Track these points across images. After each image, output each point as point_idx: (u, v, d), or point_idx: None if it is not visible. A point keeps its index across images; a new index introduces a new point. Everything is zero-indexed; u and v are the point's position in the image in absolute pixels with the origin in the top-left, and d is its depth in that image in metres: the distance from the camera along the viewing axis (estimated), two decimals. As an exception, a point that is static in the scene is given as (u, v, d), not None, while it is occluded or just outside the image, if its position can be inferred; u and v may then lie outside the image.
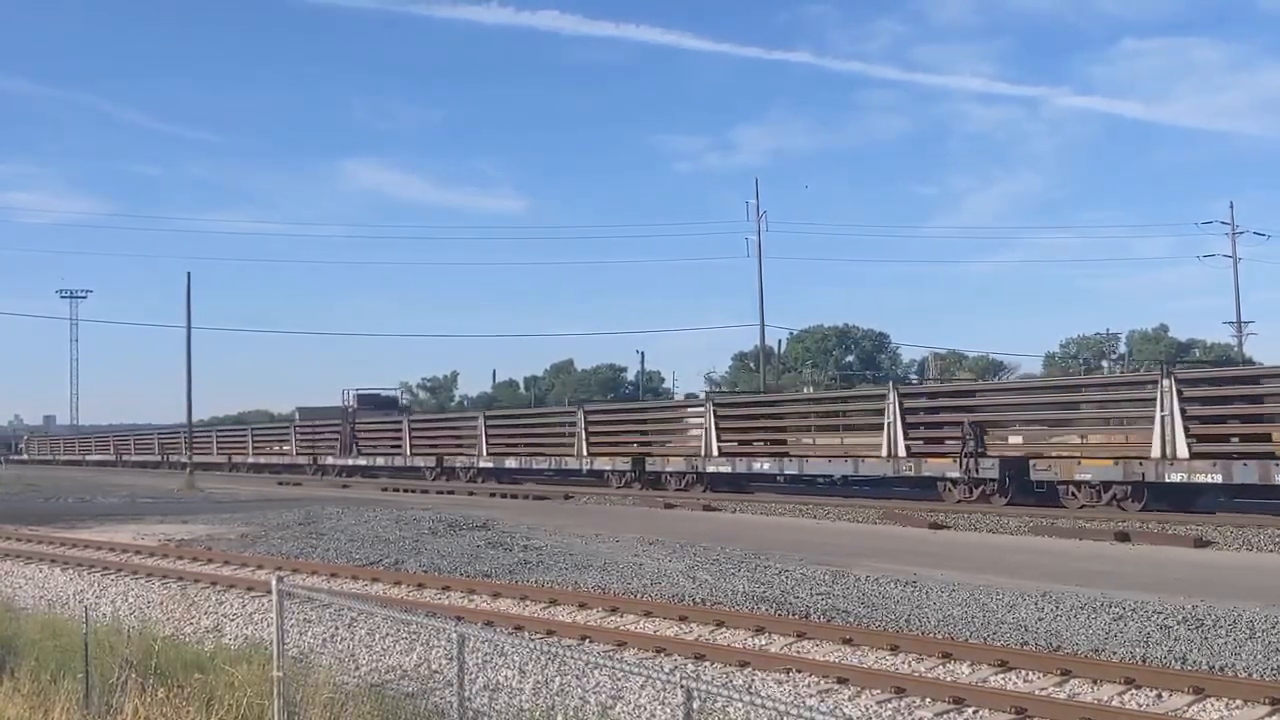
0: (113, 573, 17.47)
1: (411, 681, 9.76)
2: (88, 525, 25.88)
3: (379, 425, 50.06)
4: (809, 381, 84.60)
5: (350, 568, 17.08)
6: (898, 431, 26.52)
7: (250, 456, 58.32)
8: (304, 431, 54.80)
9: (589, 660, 6.53)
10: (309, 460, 51.67)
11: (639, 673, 5.71)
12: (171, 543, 21.50)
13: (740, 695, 4.62)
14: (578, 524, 23.63)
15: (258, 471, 55.68)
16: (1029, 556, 17.40)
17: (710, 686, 4.55)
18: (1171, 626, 11.23)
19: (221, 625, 13.28)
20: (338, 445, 50.38)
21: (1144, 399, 22.84)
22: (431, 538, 21.03)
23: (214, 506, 31.63)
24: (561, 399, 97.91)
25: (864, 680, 9.38)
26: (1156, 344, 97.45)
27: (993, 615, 12.09)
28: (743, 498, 29.41)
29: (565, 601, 13.66)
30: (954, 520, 22.74)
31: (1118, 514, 21.92)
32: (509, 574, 16.14)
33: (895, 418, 26.62)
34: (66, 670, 8.99)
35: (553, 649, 6.71)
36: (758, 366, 74.78)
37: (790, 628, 11.52)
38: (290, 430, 56.23)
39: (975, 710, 8.51)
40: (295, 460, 53.21)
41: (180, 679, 8.39)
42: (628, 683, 9.20)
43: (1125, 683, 9.01)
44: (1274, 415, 22.07)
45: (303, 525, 24.13)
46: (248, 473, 55.97)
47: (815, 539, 20.49)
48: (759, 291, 63.47)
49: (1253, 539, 18.74)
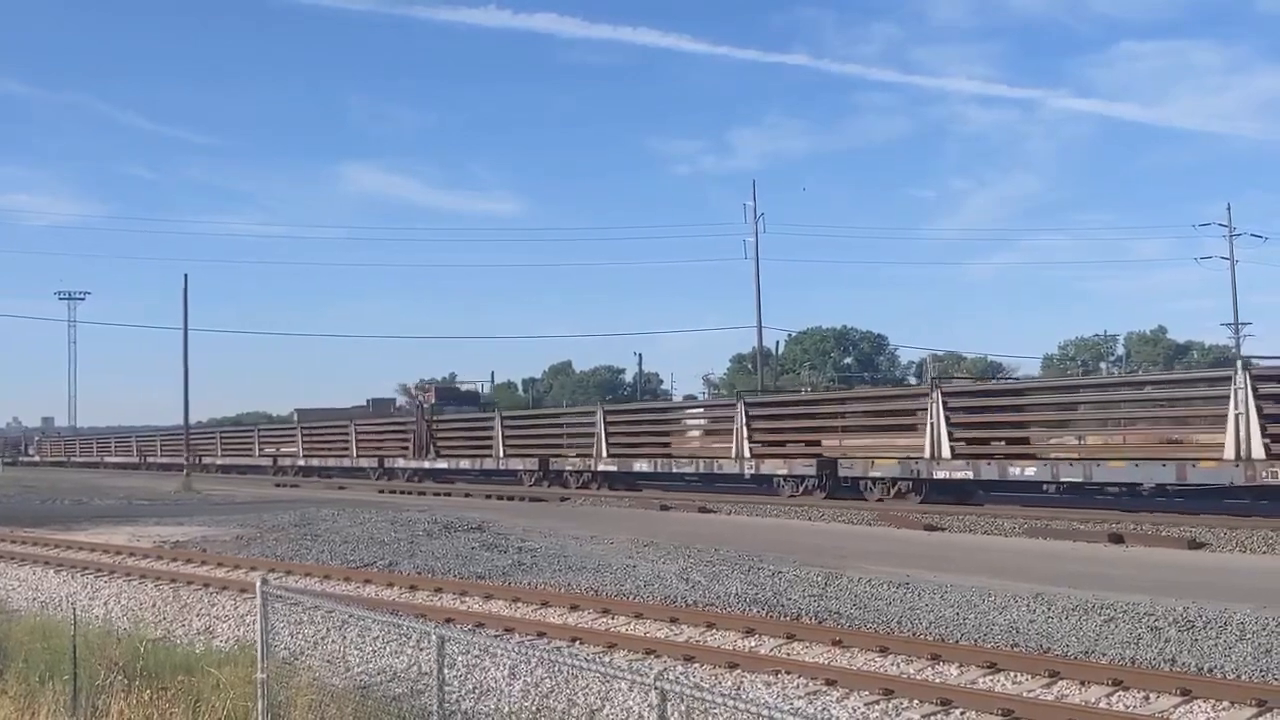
0: (106, 575, 17.46)
1: (402, 683, 9.75)
2: (83, 527, 25.86)
3: (462, 423, 45.04)
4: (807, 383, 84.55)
5: (343, 569, 17.06)
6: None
7: (300, 459, 52.01)
8: (366, 432, 49.20)
9: (574, 663, 6.51)
10: (374, 464, 46.08)
11: (618, 675, 5.70)
12: (166, 545, 21.49)
13: (717, 698, 4.61)
14: (573, 526, 23.62)
15: (307, 475, 49.82)
16: (1023, 558, 17.39)
17: (685, 688, 4.54)
18: (1162, 628, 11.23)
19: (213, 627, 13.28)
20: (410, 446, 44.37)
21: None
22: (426, 539, 21.02)
23: (210, 508, 31.60)
24: (560, 401, 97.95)
25: (852, 682, 9.38)
26: (1154, 345, 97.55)
27: (984, 617, 12.08)
28: (743, 499, 29.36)
29: (557, 603, 13.65)
30: (948, 522, 22.73)
31: (1112, 516, 21.93)
32: (502, 576, 16.13)
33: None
34: (55, 672, 9.00)
35: (538, 650, 6.70)
36: (756, 368, 74.76)
37: (781, 629, 11.51)
38: (350, 430, 49.61)
39: (962, 711, 8.51)
40: (357, 463, 47.67)
41: (167, 681, 8.39)
42: (616, 685, 9.19)
43: (1113, 684, 9.01)
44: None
45: (298, 527, 24.11)
46: (295, 476, 50.30)
47: (809, 540, 20.49)
48: (756, 293, 63.49)
49: (1245, 541, 18.73)
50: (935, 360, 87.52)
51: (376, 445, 47.67)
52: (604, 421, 35.17)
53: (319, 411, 69.72)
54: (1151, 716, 8.18)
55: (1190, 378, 27.38)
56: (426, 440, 43.67)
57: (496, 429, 40.23)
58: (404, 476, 44.07)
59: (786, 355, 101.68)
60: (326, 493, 39.18)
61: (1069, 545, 19.16)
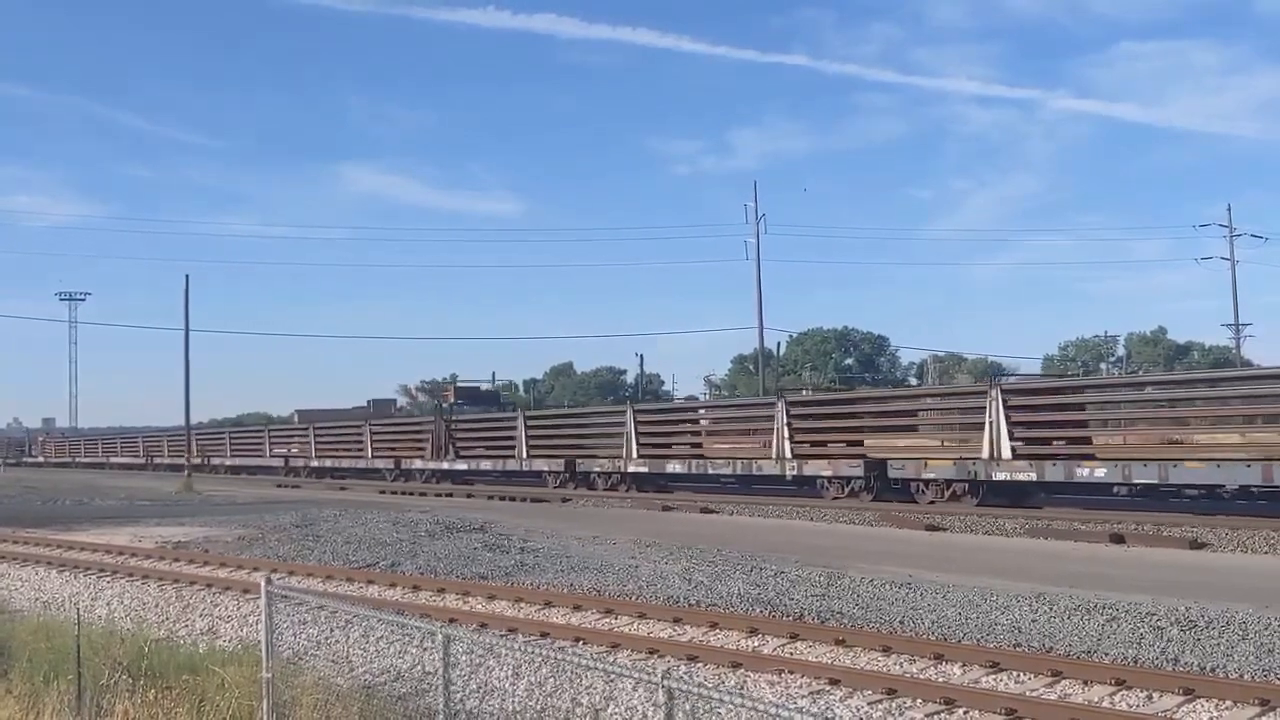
0: (108, 575, 17.48)
1: (405, 683, 9.77)
2: (84, 528, 25.88)
3: (484, 424, 44.37)
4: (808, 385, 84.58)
5: (345, 570, 17.08)
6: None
7: (314, 459, 51.62)
8: (381, 432, 48.82)
9: (578, 662, 6.52)
10: (390, 465, 45.51)
11: (626, 674, 5.72)
12: (168, 545, 21.50)
13: (724, 697, 4.63)
14: (575, 527, 23.63)
15: (319, 477, 49.66)
16: (1024, 558, 17.41)
17: (692, 687, 4.56)
18: (1164, 628, 11.24)
19: (216, 627, 13.29)
20: (430, 447, 43.40)
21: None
22: (428, 540, 21.03)
23: (211, 509, 31.61)
24: (561, 401, 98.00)
25: (856, 681, 9.39)
26: (1155, 346, 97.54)
27: (987, 617, 12.09)
28: (743, 500, 29.38)
29: (560, 603, 13.66)
30: (949, 522, 22.74)
31: (1113, 516, 21.91)
32: (505, 576, 16.14)
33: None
34: (59, 672, 9.01)
35: (543, 651, 6.72)
36: (757, 369, 74.77)
37: (784, 629, 11.52)
38: (364, 430, 49.12)
39: (966, 711, 8.52)
40: (373, 464, 47.15)
41: (171, 680, 8.41)
42: (620, 685, 9.20)
43: (1116, 684, 9.02)
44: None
45: (299, 528, 24.12)
46: (308, 477, 50.15)
47: (812, 541, 20.49)
48: (758, 294, 63.45)
49: (1247, 541, 18.74)
50: (936, 361, 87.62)
51: (390, 447, 46.99)
52: (634, 421, 34.31)
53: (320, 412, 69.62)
54: (1155, 716, 8.19)
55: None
56: (445, 441, 42.48)
57: (520, 429, 39.23)
58: (421, 478, 43.49)
59: (788, 356, 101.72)
60: (328, 493, 39.18)
61: (1070, 545, 19.17)
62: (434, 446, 42.81)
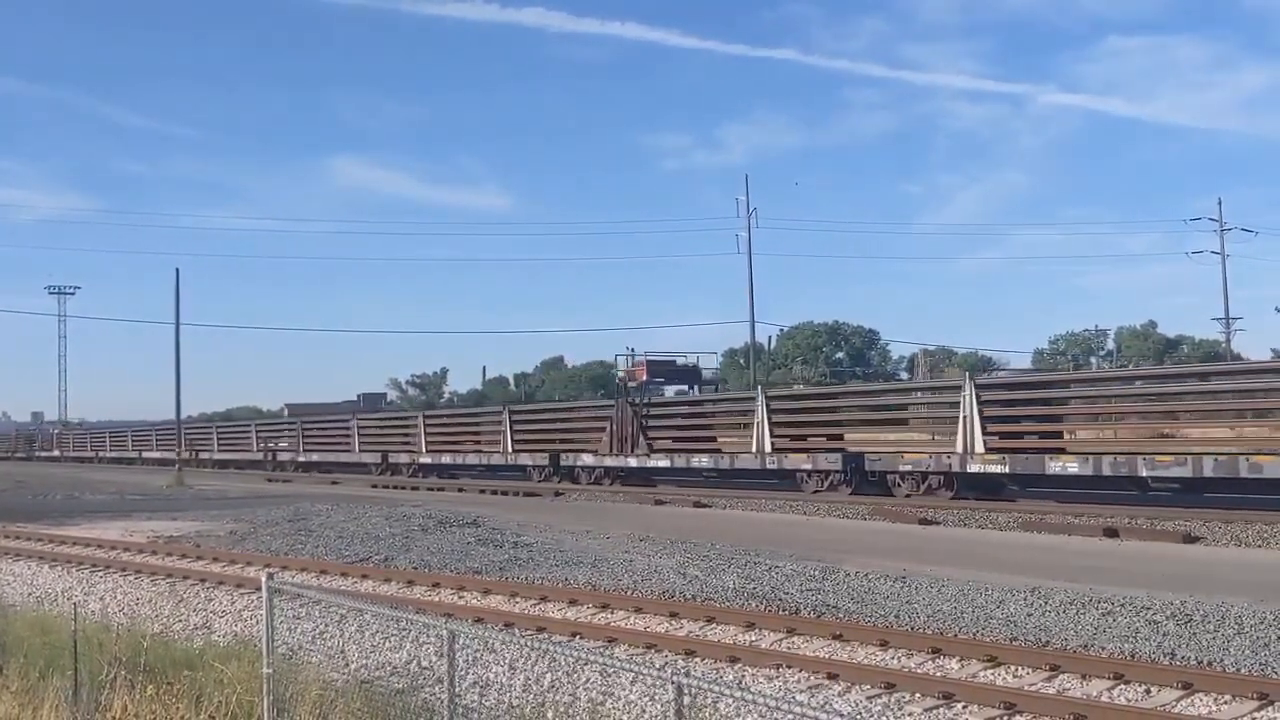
0: (101, 570, 17.41)
1: (401, 678, 9.74)
2: (76, 522, 25.78)
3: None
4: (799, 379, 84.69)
5: (339, 564, 17.04)
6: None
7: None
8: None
9: (579, 656, 6.51)
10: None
11: (629, 669, 5.71)
12: (160, 540, 21.43)
13: (730, 691, 4.63)
14: (568, 521, 23.61)
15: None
16: (1018, 552, 17.45)
17: (700, 682, 4.55)
18: (1160, 622, 11.27)
19: (211, 622, 13.24)
20: (621, 439, 36.50)
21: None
22: (421, 535, 20.99)
23: (202, 504, 31.53)
24: (552, 395, 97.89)
25: (854, 675, 9.40)
26: (1145, 340, 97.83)
27: (982, 611, 12.11)
28: (733, 494, 29.41)
29: (555, 598, 13.64)
30: (943, 516, 22.78)
31: (1106, 510, 21.98)
32: (499, 571, 16.13)
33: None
34: (55, 668, 8.97)
35: (543, 645, 6.70)
36: (748, 363, 74.81)
37: (780, 623, 11.52)
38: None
39: (964, 705, 8.53)
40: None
41: (169, 676, 8.37)
42: (618, 679, 9.20)
43: (1114, 678, 9.04)
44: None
45: (292, 522, 24.06)
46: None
47: (805, 535, 20.52)
48: (750, 288, 63.54)
49: (1240, 534, 18.82)
50: (926, 355, 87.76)
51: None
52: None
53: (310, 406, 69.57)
54: (1154, 710, 8.21)
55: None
56: (637, 431, 34.74)
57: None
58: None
59: (779, 350, 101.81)
60: (319, 488, 39.11)
61: (1063, 539, 19.22)
62: (615, 439, 35.09)
